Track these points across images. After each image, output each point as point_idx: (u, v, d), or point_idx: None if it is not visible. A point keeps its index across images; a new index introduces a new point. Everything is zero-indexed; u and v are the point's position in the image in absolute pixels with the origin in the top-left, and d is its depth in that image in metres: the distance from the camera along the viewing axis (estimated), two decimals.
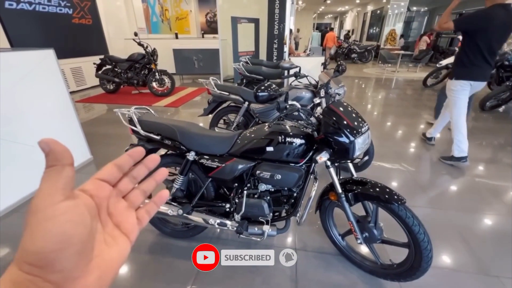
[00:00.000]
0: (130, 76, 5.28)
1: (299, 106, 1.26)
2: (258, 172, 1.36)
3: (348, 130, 1.17)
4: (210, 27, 9.40)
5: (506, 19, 2.17)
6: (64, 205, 0.21)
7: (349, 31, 17.13)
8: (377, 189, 1.25)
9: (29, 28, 4.79)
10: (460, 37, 7.10)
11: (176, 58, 7.16)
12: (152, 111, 1.70)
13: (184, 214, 1.49)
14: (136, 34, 4.90)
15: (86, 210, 0.23)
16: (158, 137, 1.48)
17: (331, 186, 1.41)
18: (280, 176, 1.33)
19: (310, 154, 1.34)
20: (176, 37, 8.35)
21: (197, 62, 7.29)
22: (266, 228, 1.41)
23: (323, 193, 1.47)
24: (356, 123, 1.19)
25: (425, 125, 4.00)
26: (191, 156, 1.47)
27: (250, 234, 1.43)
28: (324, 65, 2.52)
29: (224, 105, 2.86)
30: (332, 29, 15.48)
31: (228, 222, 1.48)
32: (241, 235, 1.44)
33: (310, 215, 1.40)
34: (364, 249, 1.57)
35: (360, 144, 1.19)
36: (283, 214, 1.51)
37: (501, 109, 4.78)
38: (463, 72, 2.44)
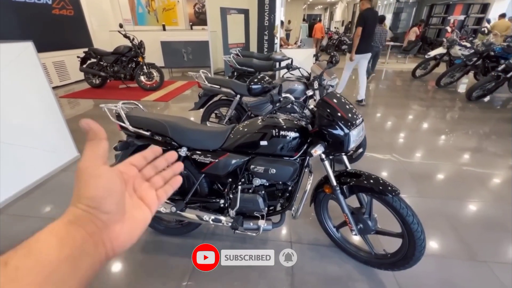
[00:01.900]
0: (116, 69, 5.10)
1: (293, 99, 1.23)
2: (252, 166, 1.34)
3: (343, 122, 1.16)
4: (199, 19, 9.14)
5: (373, 17, 3.96)
6: (104, 168, 0.28)
7: (349, 22, 16.96)
8: (372, 181, 1.25)
9: (4, 19, 4.52)
10: (448, 28, 7.17)
11: (164, 50, 6.95)
12: (141, 106, 1.64)
13: (178, 211, 1.46)
14: (121, 26, 4.72)
15: (117, 176, 0.30)
16: (148, 133, 1.43)
17: (326, 179, 1.41)
18: (274, 170, 1.31)
19: (305, 147, 1.33)
20: (164, 29, 8.10)
21: (186, 54, 7.11)
22: (262, 223, 1.40)
23: (317, 186, 1.47)
24: (350, 115, 1.18)
25: (413, 113, 4.08)
26: (183, 152, 1.43)
27: (245, 229, 1.42)
28: (316, 56, 2.49)
29: (215, 98, 2.80)
30: (320, 20, 15.38)
31: (223, 218, 1.46)
32: (237, 231, 1.43)
33: (304, 207, 1.40)
34: (358, 240, 1.58)
35: (354, 136, 1.18)
36: (278, 208, 1.50)
37: (486, 99, 4.90)
38: (362, 49, 4.03)
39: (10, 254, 0.21)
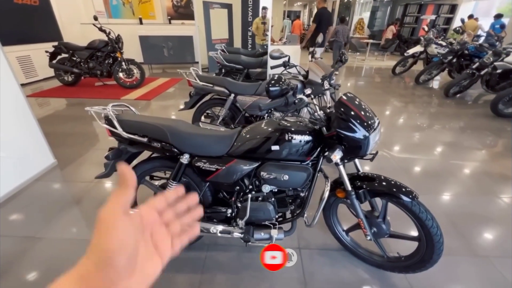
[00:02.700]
0: (92, 66, 4.71)
1: (307, 101, 1.15)
2: (262, 173, 1.25)
3: (363, 125, 1.10)
4: (178, 13, 8.74)
5: (328, 15, 4.75)
6: (122, 219, 0.27)
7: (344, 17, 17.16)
8: (389, 185, 1.22)
9: None
10: (425, 27, 7.50)
11: (143, 45, 6.56)
12: (133, 109, 1.47)
13: None
14: (96, 18, 4.34)
15: (135, 228, 0.29)
16: (144, 140, 1.28)
17: (336, 183, 1.36)
18: (287, 176, 1.23)
19: (317, 151, 1.26)
20: (141, 23, 7.65)
21: (166, 50, 6.77)
22: (274, 232, 1.31)
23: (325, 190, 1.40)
24: (369, 118, 1.13)
25: (394, 109, 4.20)
26: (185, 159, 1.30)
27: (256, 240, 1.33)
28: (312, 54, 2.43)
29: (207, 97, 2.65)
30: (298, 17, 15.45)
31: (232, 229, 1.35)
32: (248, 243, 1.33)
33: (309, 211, 1.34)
34: (368, 243, 1.56)
35: (373, 139, 1.13)
36: (288, 215, 1.43)
37: (460, 95, 5.18)
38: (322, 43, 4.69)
39: None
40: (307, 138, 1.21)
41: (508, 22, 7.44)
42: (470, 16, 8.51)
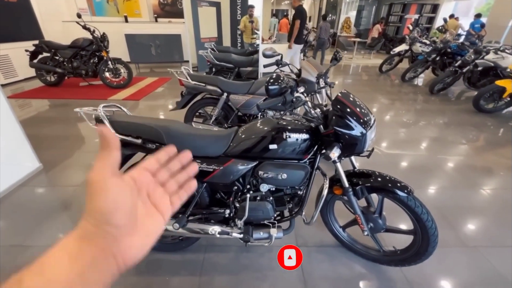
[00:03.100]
0: (76, 65, 4.54)
1: (305, 99, 1.15)
2: (261, 172, 1.25)
3: (360, 122, 1.11)
4: (164, 11, 8.55)
5: (306, 12, 4.77)
6: (113, 180, 0.27)
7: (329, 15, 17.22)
8: (384, 181, 1.24)
9: None
10: (410, 26, 7.69)
11: (129, 44, 6.39)
12: (125, 109, 1.43)
13: (180, 229, 1.30)
14: (79, 16, 4.19)
15: (129, 188, 0.29)
16: (139, 141, 1.25)
17: (333, 181, 1.37)
18: (286, 175, 1.23)
19: (314, 149, 1.27)
20: (126, 21, 7.44)
21: (154, 49, 6.62)
22: (274, 231, 1.31)
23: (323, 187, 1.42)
24: (365, 115, 1.14)
25: (382, 107, 4.30)
26: None
27: (256, 240, 1.33)
28: (304, 52, 2.44)
29: (199, 97, 2.61)
30: (286, 16, 15.50)
31: (231, 230, 1.34)
32: (248, 243, 1.32)
33: (307, 209, 1.35)
34: (365, 239, 1.58)
35: (370, 136, 1.15)
36: (286, 214, 1.43)
37: (444, 92, 5.37)
38: (300, 40, 5.04)
39: (25, 272, 0.23)
40: (305, 136, 1.21)
41: (486, 21, 7.78)
42: (451, 16, 8.83)
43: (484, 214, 1.95)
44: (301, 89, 1.36)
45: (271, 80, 1.14)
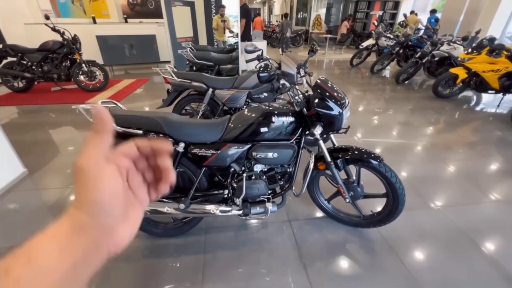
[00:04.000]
0: (47, 69, 4.35)
1: (289, 85, 1.32)
2: (254, 153, 1.40)
3: (337, 103, 1.30)
4: (134, 11, 8.34)
5: (250, 11, 4.78)
6: (108, 169, 0.25)
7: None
8: (360, 153, 1.45)
9: None
10: (375, 22, 8.19)
11: (101, 46, 6.19)
12: (120, 105, 1.50)
13: (186, 209, 1.42)
14: (47, 18, 4.03)
15: (119, 175, 0.27)
16: (140, 132, 1.34)
17: (317, 158, 1.56)
18: (276, 154, 1.40)
19: (299, 130, 1.45)
20: (94, 22, 7.17)
21: (128, 50, 6.47)
22: (269, 205, 1.47)
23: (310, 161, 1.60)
24: (341, 97, 1.34)
25: (355, 98, 4.64)
26: (180, 147, 1.39)
27: (253, 214, 1.48)
28: (282, 48, 2.62)
29: (184, 94, 2.70)
30: (259, 14, 15.86)
31: (230, 208, 1.48)
32: (247, 217, 1.47)
33: (296, 185, 1.53)
34: (347, 208, 1.80)
35: (346, 115, 1.35)
36: (278, 190, 1.60)
37: (408, 82, 5.88)
38: (247, 37, 5.49)
39: (10, 260, 0.21)
40: (291, 119, 1.39)
41: (440, 16, 8.57)
42: (411, 12, 9.56)
43: (445, 182, 2.27)
44: (282, 81, 1.53)
45: (261, 68, 1.30)
